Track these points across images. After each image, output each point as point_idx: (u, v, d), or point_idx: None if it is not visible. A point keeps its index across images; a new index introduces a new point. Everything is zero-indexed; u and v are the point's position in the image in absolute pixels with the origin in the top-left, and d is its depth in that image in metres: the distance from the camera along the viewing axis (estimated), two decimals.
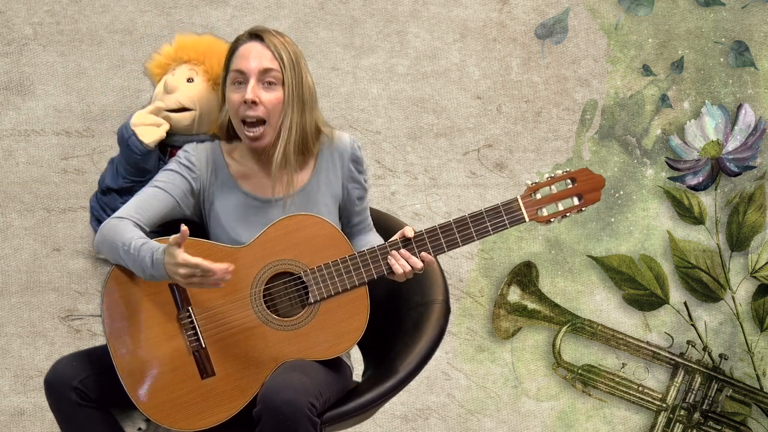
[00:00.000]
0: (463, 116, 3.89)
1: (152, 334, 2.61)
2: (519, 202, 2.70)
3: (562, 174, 2.72)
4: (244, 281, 2.64)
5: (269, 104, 2.67)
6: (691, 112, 3.92)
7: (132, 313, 2.61)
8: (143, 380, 2.60)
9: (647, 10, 3.89)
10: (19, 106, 3.81)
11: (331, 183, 2.78)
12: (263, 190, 2.75)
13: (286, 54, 2.69)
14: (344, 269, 2.67)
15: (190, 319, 2.62)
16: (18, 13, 3.79)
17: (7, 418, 3.83)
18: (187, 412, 2.60)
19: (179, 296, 2.62)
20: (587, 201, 2.73)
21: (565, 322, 3.91)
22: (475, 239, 2.69)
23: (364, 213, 2.86)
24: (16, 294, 3.82)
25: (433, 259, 2.70)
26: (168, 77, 2.87)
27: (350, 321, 2.68)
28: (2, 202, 3.82)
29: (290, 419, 2.49)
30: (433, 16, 3.87)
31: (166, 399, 2.60)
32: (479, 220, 2.69)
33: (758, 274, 3.94)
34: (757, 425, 3.95)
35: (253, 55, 2.68)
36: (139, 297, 2.62)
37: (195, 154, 2.75)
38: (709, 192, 3.93)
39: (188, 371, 2.61)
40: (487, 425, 3.92)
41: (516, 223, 2.70)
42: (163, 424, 2.60)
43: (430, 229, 2.69)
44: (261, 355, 2.63)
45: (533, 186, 2.71)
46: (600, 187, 2.74)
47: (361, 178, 2.81)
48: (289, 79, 2.68)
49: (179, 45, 2.93)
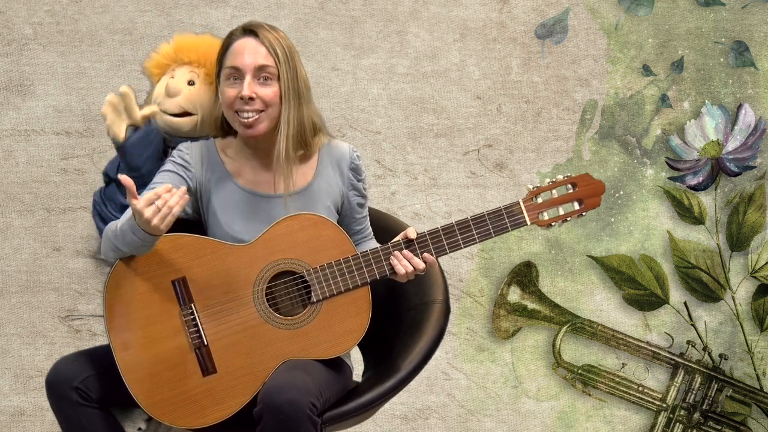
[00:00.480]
0: (463, 116, 3.89)
1: (154, 331, 2.61)
2: (521, 205, 2.73)
3: (563, 179, 2.76)
4: (246, 279, 2.65)
5: (266, 98, 2.68)
6: (691, 112, 3.92)
7: (134, 310, 2.61)
8: (145, 377, 2.60)
9: (647, 10, 3.90)
10: (19, 106, 3.81)
11: (332, 188, 2.79)
12: (260, 186, 2.76)
13: (281, 49, 2.70)
14: (347, 269, 2.68)
15: (193, 317, 2.63)
16: (18, 13, 3.79)
17: (7, 418, 3.83)
18: (189, 410, 2.60)
19: (182, 293, 2.63)
20: (587, 206, 2.78)
21: (565, 322, 3.92)
22: (477, 241, 2.71)
23: (364, 222, 2.87)
24: (16, 294, 3.82)
25: (434, 260, 2.72)
26: (169, 81, 2.87)
27: (352, 320, 2.68)
28: (2, 202, 3.82)
29: (291, 419, 2.49)
30: (433, 16, 3.87)
31: (168, 396, 2.60)
32: (481, 222, 2.71)
33: (758, 274, 3.94)
34: (757, 425, 3.95)
35: (248, 51, 2.68)
36: (141, 294, 2.62)
37: (189, 152, 2.76)
38: (709, 192, 3.93)
39: (190, 368, 2.62)
40: (487, 425, 3.92)
41: (517, 226, 2.72)
42: (164, 421, 2.60)
43: (432, 230, 2.71)
44: (263, 353, 2.63)
45: (535, 190, 2.74)
46: (600, 192, 2.78)
47: (360, 186, 2.83)
48: (285, 74, 2.69)
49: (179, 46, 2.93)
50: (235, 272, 2.64)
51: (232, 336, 2.63)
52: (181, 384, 2.61)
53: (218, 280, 2.64)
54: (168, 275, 2.63)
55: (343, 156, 2.80)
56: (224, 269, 2.65)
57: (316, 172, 2.78)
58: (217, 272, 2.64)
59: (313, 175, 2.78)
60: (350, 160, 2.81)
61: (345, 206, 2.82)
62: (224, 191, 2.75)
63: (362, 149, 3.85)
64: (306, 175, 2.78)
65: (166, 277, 2.62)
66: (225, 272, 2.64)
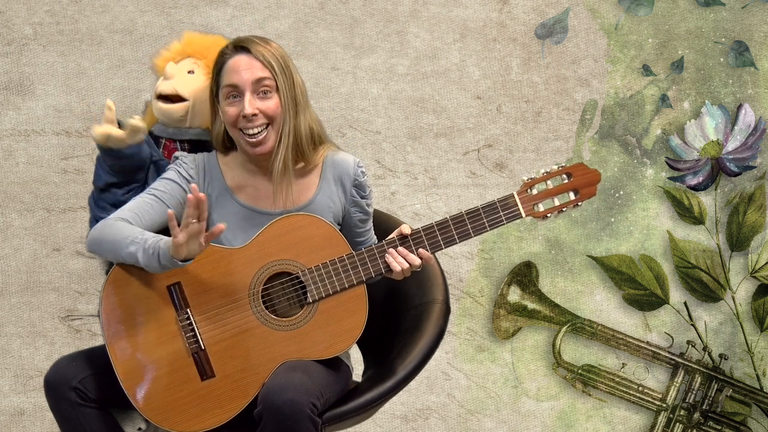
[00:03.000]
0: (463, 116, 3.89)
1: (151, 336, 2.61)
2: (515, 197, 2.70)
3: (557, 169, 2.72)
4: (242, 282, 2.65)
5: (269, 112, 2.68)
6: (691, 112, 3.92)
7: (131, 316, 2.61)
8: (142, 383, 2.60)
9: (647, 10, 3.89)
10: (19, 106, 3.81)
11: (334, 203, 2.78)
12: (260, 201, 2.75)
13: (275, 60, 2.69)
14: (342, 268, 2.67)
15: (189, 321, 2.62)
16: (18, 13, 3.79)
17: (7, 418, 3.83)
18: (187, 414, 2.60)
19: (178, 298, 2.63)
20: (583, 196, 2.73)
21: (565, 322, 3.91)
22: (472, 236, 2.69)
23: (366, 234, 2.86)
24: (16, 294, 3.82)
25: (430, 255, 2.70)
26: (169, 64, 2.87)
27: (349, 319, 2.68)
28: (2, 202, 3.82)
29: (291, 419, 2.49)
30: (433, 16, 3.87)
31: (166, 401, 2.60)
32: (476, 216, 2.69)
33: (758, 274, 3.94)
34: (757, 425, 3.95)
35: (243, 68, 2.68)
36: (138, 299, 2.62)
37: (193, 165, 2.76)
38: (709, 192, 3.93)
39: (188, 373, 2.61)
40: (487, 425, 3.92)
41: (513, 218, 2.70)
42: (163, 426, 2.60)
43: (427, 226, 2.69)
44: (260, 355, 2.63)
45: (529, 182, 2.71)
46: (596, 181, 2.73)
47: (363, 203, 2.81)
48: (282, 84, 2.69)
49: (187, 41, 2.93)
50: (231, 275, 2.63)
51: (229, 339, 2.63)
52: (180, 389, 2.61)
53: (214, 284, 2.64)
54: (163, 280, 2.62)
55: (347, 171, 2.78)
56: (219, 273, 2.64)
57: (318, 187, 2.77)
58: (213, 276, 2.64)
59: (315, 191, 2.77)
60: (354, 176, 2.78)
61: (345, 221, 2.81)
62: (224, 205, 2.74)
63: (362, 149, 3.85)
64: (308, 190, 2.77)
65: (161, 282, 2.62)
66: (220, 276, 2.64)
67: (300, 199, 2.75)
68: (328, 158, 2.78)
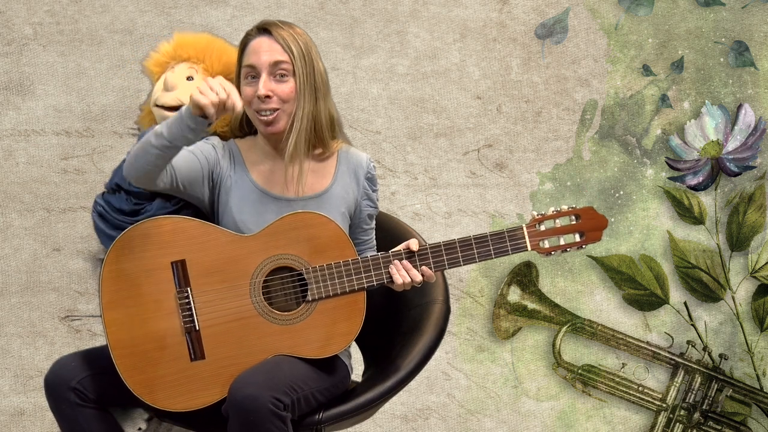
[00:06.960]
0: (463, 116, 3.89)
1: (148, 309, 2.61)
2: (524, 230, 2.76)
3: (567, 209, 2.79)
4: (245, 270, 2.65)
5: (282, 95, 2.72)
6: (691, 112, 3.92)
7: (130, 286, 2.61)
8: (132, 353, 2.59)
9: (647, 10, 3.89)
10: (19, 106, 3.81)
11: (348, 195, 2.81)
12: (273, 186, 2.78)
13: (295, 45, 2.74)
14: (345, 272, 2.69)
15: (187, 300, 2.63)
16: (18, 13, 3.79)
17: (7, 418, 3.83)
18: (171, 392, 2.60)
19: (179, 275, 2.63)
20: (588, 239, 2.81)
21: (565, 322, 3.92)
22: (476, 260, 2.75)
23: (370, 233, 2.89)
24: (16, 294, 3.82)
25: (432, 274, 2.74)
26: (168, 74, 2.88)
27: (345, 324, 2.69)
28: (2, 202, 3.82)
29: (253, 414, 2.49)
30: (433, 16, 3.87)
31: (153, 376, 2.60)
32: (483, 242, 2.74)
33: (758, 274, 3.94)
34: (757, 425, 3.95)
35: (263, 50, 2.73)
36: (140, 271, 2.62)
37: (220, 146, 2.79)
38: (709, 192, 3.93)
39: (178, 351, 2.61)
40: (487, 425, 3.92)
41: (518, 250, 2.76)
42: (145, 400, 2.59)
43: (434, 245, 2.73)
44: (252, 345, 2.64)
45: (539, 217, 2.77)
46: (603, 227, 2.82)
47: (374, 197, 2.86)
48: (300, 69, 2.73)
49: (178, 43, 2.93)
50: (235, 262, 2.64)
51: (224, 324, 2.64)
52: (168, 365, 2.60)
53: (217, 267, 2.65)
54: (168, 256, 2.63)
55: (361, 164, 2.83)
56: (224, 257, 2.65)
57: (334, 177, 2.80)
58: (217, 259, 2.65)
59: (332, 180, 2.80)
60: (367, 169, 2.84)
61: (356, 214, 2.83)
62: (242, 188, 2.77)
63: (362, 149, 3.84)
64: (323, 178, 2.80)
65: (165, 258, 2.63)
66: (225, 260, 2.65)
67: (316, 186, 2.79)
68: (343, 151, 2.83)
